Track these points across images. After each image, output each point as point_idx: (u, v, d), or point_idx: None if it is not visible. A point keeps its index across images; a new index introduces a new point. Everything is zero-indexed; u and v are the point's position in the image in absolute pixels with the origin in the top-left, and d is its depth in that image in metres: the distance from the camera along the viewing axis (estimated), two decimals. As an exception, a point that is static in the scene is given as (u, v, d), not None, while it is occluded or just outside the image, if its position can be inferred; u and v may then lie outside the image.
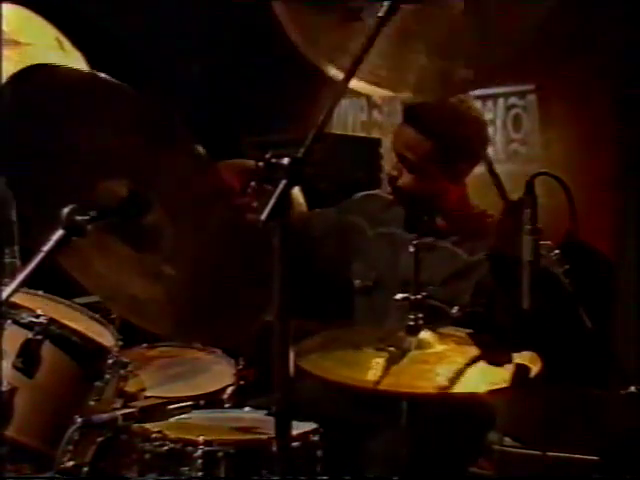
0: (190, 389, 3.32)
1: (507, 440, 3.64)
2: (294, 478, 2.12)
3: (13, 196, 2.57)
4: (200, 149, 2.11)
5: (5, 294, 2.20)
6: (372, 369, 2.32)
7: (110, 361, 2.89)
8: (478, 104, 4.18)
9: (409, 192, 3.04)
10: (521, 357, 2.38)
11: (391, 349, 2.39)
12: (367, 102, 5.01)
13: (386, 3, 2.33)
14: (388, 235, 3.16)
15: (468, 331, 2.52)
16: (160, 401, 3.00)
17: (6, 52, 2.99)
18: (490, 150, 4.30)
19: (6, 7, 3.20)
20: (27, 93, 2.25)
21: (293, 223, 2.00)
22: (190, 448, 2.59)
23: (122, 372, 2.95)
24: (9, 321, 2.75)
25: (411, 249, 2.48)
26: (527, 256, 2.36)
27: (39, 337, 2.78)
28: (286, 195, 2.00)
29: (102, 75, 2.17)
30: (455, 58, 2.47)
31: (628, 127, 3.77)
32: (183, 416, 2.85)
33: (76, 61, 3.49)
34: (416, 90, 2.52)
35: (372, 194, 3.36)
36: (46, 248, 2.22)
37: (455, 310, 2.76)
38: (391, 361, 2.34)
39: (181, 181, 2.24)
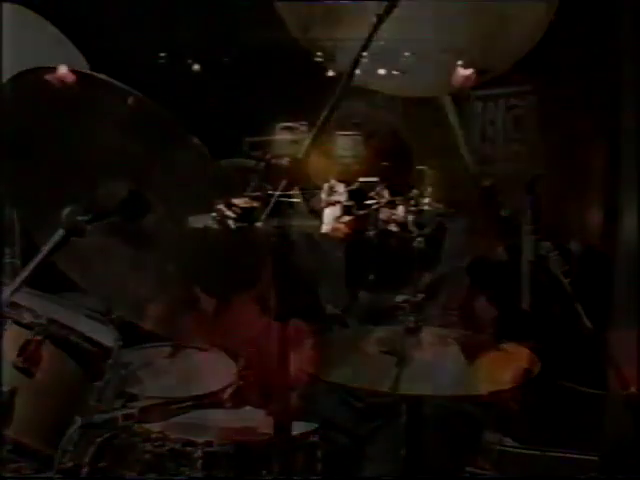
0: (190, 389, 3.32)
1: (507, 440, 3.65)
2: (292, 478, 2.12)
3: (10, 201, 2.57)
4: (203, 148, 2.12)
5: (5, 294, 2.20)
6: (373, 370, 2.31)
7: (110, 361, 2.89)
8: (479, 105, 4.19)
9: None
10: (521, 358, 2.37)
11: (391, 350, 2.38)
12: (367, 102, 5.01)
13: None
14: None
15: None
16: (160, 401, 3.00)
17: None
18: (490, 150, 4.32)
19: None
20: (26, 94, 2.25)
21: None
22: (190, 448, 2.60)
23: (122, 372, 2.95)
24: (9, 321, 2.75)
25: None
26: (527, 256, 2.35)
27: (39, 337, 2.78)
28: (286, 196, 2.00)
29: (101, 76, 2.17)
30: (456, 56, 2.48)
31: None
32: (183, 416, 2.84)
33: (77, 61, 3.49)
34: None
35: None
36: (46, 248, 2.22)
37: None
38: (392, 362, 2.33)
39: (181, 180, 2.24)
